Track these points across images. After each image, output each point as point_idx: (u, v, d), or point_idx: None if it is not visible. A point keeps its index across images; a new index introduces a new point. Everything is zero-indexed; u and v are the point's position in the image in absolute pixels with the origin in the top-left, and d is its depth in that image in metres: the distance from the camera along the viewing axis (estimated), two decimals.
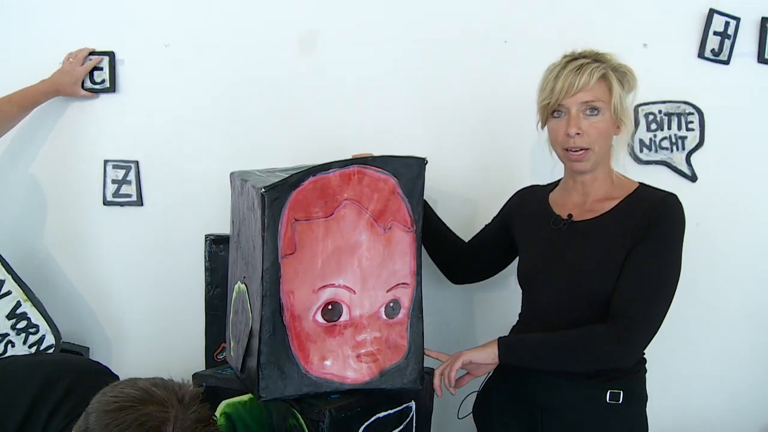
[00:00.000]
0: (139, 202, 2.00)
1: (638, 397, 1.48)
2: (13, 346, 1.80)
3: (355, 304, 1.51)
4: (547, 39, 1.90)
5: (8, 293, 1.79)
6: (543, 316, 1.53)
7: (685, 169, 1.93)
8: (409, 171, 1.52)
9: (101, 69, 1.97)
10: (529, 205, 1.65)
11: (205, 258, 1.95)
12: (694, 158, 1.93)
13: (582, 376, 1.44)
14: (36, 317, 1.81)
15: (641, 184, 1.52)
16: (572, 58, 1.49)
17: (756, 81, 1.93)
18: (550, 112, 1.50)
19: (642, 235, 1.41)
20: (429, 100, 1.99)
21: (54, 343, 1.82)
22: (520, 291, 1.66)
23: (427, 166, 1.53)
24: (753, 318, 1.94)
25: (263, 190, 1.43)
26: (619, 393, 1.43)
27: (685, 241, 1.47)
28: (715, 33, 1.92)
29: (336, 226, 1.50)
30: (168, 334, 2.03)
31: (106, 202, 2.00)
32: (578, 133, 1.44)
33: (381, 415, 1.53)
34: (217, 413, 1.61)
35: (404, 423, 1.59)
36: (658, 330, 1.42)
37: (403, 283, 1.52)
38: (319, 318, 1.49)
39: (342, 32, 1.98)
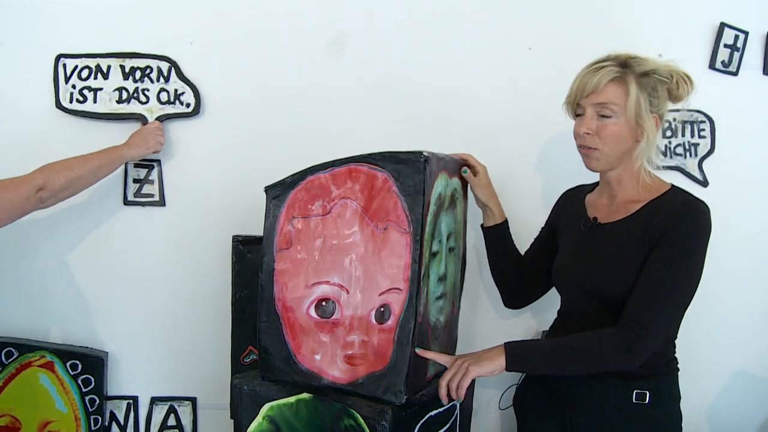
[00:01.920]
0: (162, 202, 1.95)
1: (667, 396, 1.50)
2: None
3: (348, 303, 1.52)
4: (568, 48, 1.98)
5: None
6: (575, 315, 1.56)
7: (697, 174, 2.03)
8: (406, 167, 1.43)
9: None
10: (570, 206, 1.68)
11: (233, 260, 1.92)
12: (705, 164, 2.03)
13: (610, 375, 1.45)
14: None
15: (673, 186, 1.51)
16: (599, 60, 1.50)
17: (762, 92, 2.05)
18: (574, 111, 1.53)
19: (659, 240, 1.39)
20: (453, 105, 2.02)
21: None
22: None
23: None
24: (763, 320, 2.05)
25: (264, 188, 1.58)
26: (645, 393, 1.44)
27: None
28: (725, 45, 2.02)
29: (332, 225, 1.54)
30: (192, 338, 1.98)
31: (126, 202, 1.94)
32: (587, 133, 1.46)
33: (433, 413, 1.54)
34: (260, 416, 1.59)
35: (450, 421, 1.62)
36: (668, 336, 1.44)
37: (395, 288, 1.46)
38: (313, 313, 1.55)
39: (366, 34, 1.99)
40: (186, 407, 1.99)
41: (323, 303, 1.54)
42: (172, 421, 1.98)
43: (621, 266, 1.43)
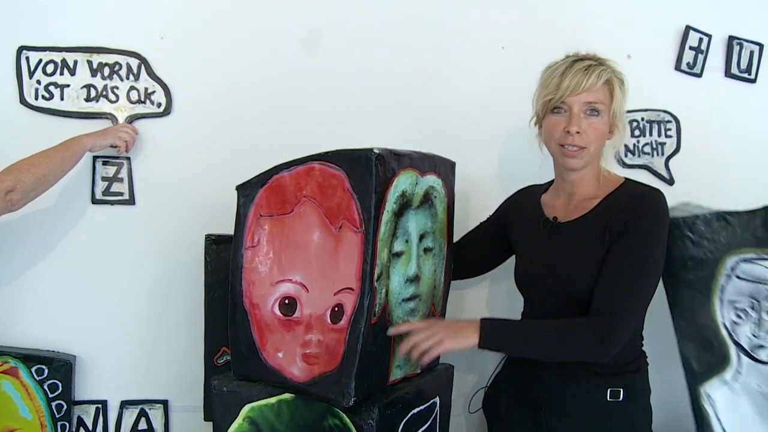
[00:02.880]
0: (131, 200, 1.90)
1: (640, 393, 1.53)
2: None
3: (307, 302, 1.52)
4: (541, 48, 2.00)
5: None
6: (540, 317, 1.55)
7: (663, 172, 2.08)
8: (358, 165, 1.40)
9: None
10: (524, 206, 1.68)
11: (206, 259, 1.89)
12: (671, 163, 2.09)
13: (583, 374, 1.47)
14: None
15: (626, 179, 1.54)
16: (578, 59, 1.51)
17: (724, 93, 2.12)
18: (551, 108, 1.51)
19: (621, 231, 1.42)
20: (427, 103, 2.03)
21: None
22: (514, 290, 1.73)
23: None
24: None
25: (236, 187, 1.61)
26: (620, 391, 1.47)
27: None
28: (690, 48, 2.08)
29: (294, 223, 1.55)
30: (163, 340, 1.93)
31: (95, 200, 1.88)
32: (578, 132, 1.47)
33: (416, 411, 1.55)
34: (240, 418, 1.57)
35: (431, 418, 1.62)
36: (637, 325, 1.46)
37: (348, 288, 1.43)
38: (277, 310, 1.56)
39: (340, 32, 1.98)
40: (157, 410, 1.94)
41: (286, 301, 1.55)
42: (143, 425, 1.93)
43: (586, 263, 1.45)
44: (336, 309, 1.46)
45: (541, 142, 1.61)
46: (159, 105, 1.90)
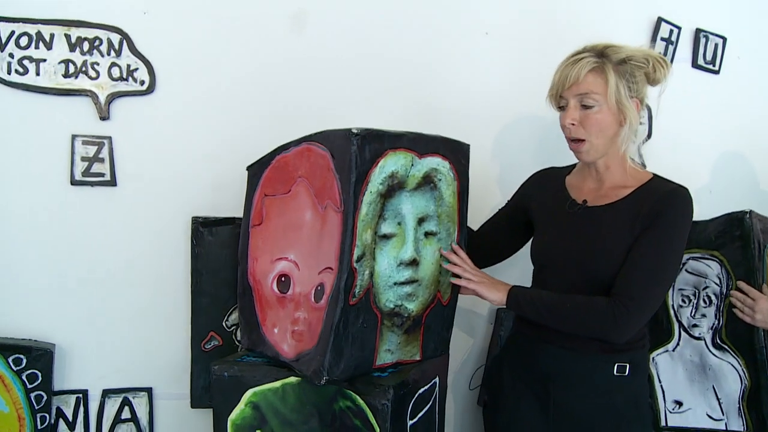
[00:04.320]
0: (113, 181, 1.81)
1: (643, 368, 1.60)
2: None
3: (298, 280, 1.55)
4: (522, 35, 2.07)
5: None
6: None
7: (637, 158, 2.17)
8: (339, 145, 1.41)
9: None
10: (546, 187, 1.71)
11: (192, 242, 1.85)
12: (644, 149, 2.18)
13: (591, 349, 1.52)
14: None
15: (655, 175, 1.59)
16: (576, 52, 1.55)
17: (691, 83, 2.23)
18: (557, 103, 1.58)
19: (649, 224, 1.47)
20: (413, 86, 2.04)
21: None
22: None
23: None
24: None
25: (246, 167, 1.70)
26: (626, 366, 1.52)
27: None
28: (661, 39, 2.18)
29: (291, 203, 1.57)
30: (146, 325, 1.87)
31: (74, 182, 1.78)
32: (573, 124, 1.51)
33: (421, 390, 1.57)
34: (242, 403, 1.54)
35: (432, 398, 1.65)
36: (653, 312, 1.53)
37: (329, 268, 1.44)
38: (275, 287, 1.60)
39: (328, 13, 1.96)
40: (141, 398, 1.88)
41: (282, 278, 1.58)
42: (126, 414, 1.87)
43: (612, 248, 1.49)
44: (319, 288, 1.47)
45: None
46: (142, 83, 1.82)
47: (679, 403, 1.99)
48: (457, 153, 1.60)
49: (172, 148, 1.86)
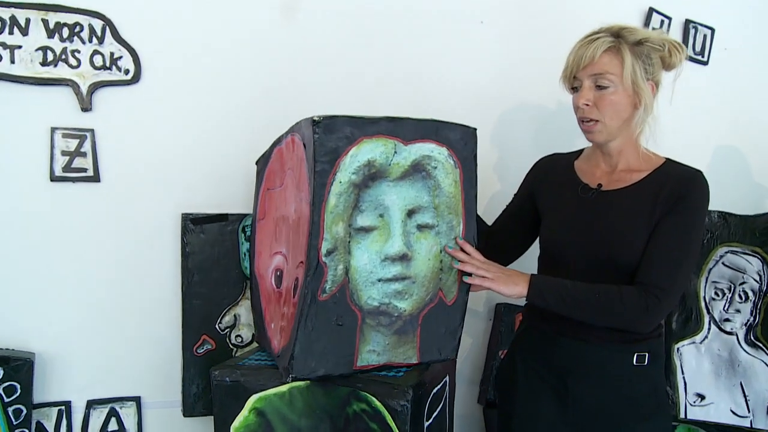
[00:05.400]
0: (96, 177, 1.70)
1: (661, 356, 1.56)
2: None
3: (286, 275, 1.49)
4: (518, 23, 2.04)
5: None
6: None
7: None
8: (306, 133, 1.33)
9: None
10: (554, 173, 1.66)
11: (182, 240, 1.75)
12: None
13: (610, 339, 1.48)
14: None
15: (668, 159, 1.55)
16: (592, 33, 1.51)
17: (681, 74, 2.22)
18: (570, 85, 1.54)
19: (671, 208, 1.44)
20: (407, 75, 1.97)
21: None
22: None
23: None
24: None
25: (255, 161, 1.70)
26: (645, 355, 1.49)
27: None
28: (653, 29, 2.16)
29: (282, 196, 1.52)
30: (133, 331, 1.76)
31: (54, 178, 1.67)
32: (587, 104, 1.48)
33: (435, 390, 1.51)
34: (246, 410, 1.45)
35: (444, 396, 1.59)
36: (679, 298, 1.53)
37: (302, 262, 1.36)
38: (273, 282, 1.56)
39: (321, 2, 1.89)
40: (129, 408, 1.77)
41: (277, 273, 1.53)
42: (113, 426, 1.75)
43: (632, 232, 1.46)
44: (296, 283, 1.40)
45: None
46: (126, 72, 1.71)
47: (702, 396, 1.97)
48: (457, 138, 1.46)
49: (158, 141, 1.76)
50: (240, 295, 1.81)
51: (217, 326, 1.78)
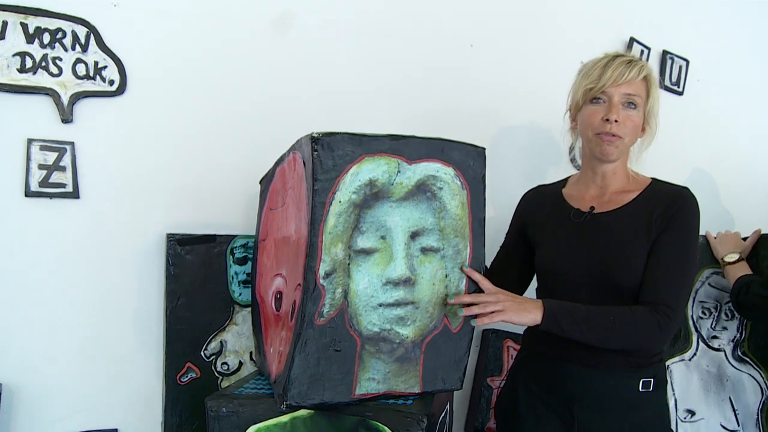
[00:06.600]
0: (75, 193, 1.59)
1: (664, 382, 1.57)
2: None
3: (285, 297, 1.44)
4: (505, 47, 2.05)
5: None
6: None
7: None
8: (306, 152, 1.28)
9: None
10: (543, 203, 1.67)
11: (167, 262, 1.65)
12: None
13: (616, 365, 1.48)
14: None
15: (653, 179, 1.59)
16: (620, 54, 1.56)
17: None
18: (591, 98, 1.54)
19: (666, 226, 1.47)
20: (397, 96, 1.95)
21: None
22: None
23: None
24: None
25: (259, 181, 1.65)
26: (650, 381, 1.50)
27: None
28: None
29: (284, 216, 1.48)
30: (111, 358, 1.65)
31: (29, 193, 1.55)
32: (617, 121, 1.50)
33: (441, 417, 1.45)
34: None
35: (446, 424, 1.54)
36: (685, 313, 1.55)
37: (299, 284, 1.31)
38: (273, 304, 1.50)
39: (313, 17, 1.85)
40: None
41: (277, 295, 1.46)
42: None
43: (630, 253, 1.47)
44: (293, 306, 1.34)
45: (570, 134, 1.65)
46: (111, 82, 1.62)
47: (692, 413, 2.01)
48: (466, 158, 1.40)
49: (143, 156, 1.67)
50: (227, 320, 1.71)
51: (202, 353, 1.69)
